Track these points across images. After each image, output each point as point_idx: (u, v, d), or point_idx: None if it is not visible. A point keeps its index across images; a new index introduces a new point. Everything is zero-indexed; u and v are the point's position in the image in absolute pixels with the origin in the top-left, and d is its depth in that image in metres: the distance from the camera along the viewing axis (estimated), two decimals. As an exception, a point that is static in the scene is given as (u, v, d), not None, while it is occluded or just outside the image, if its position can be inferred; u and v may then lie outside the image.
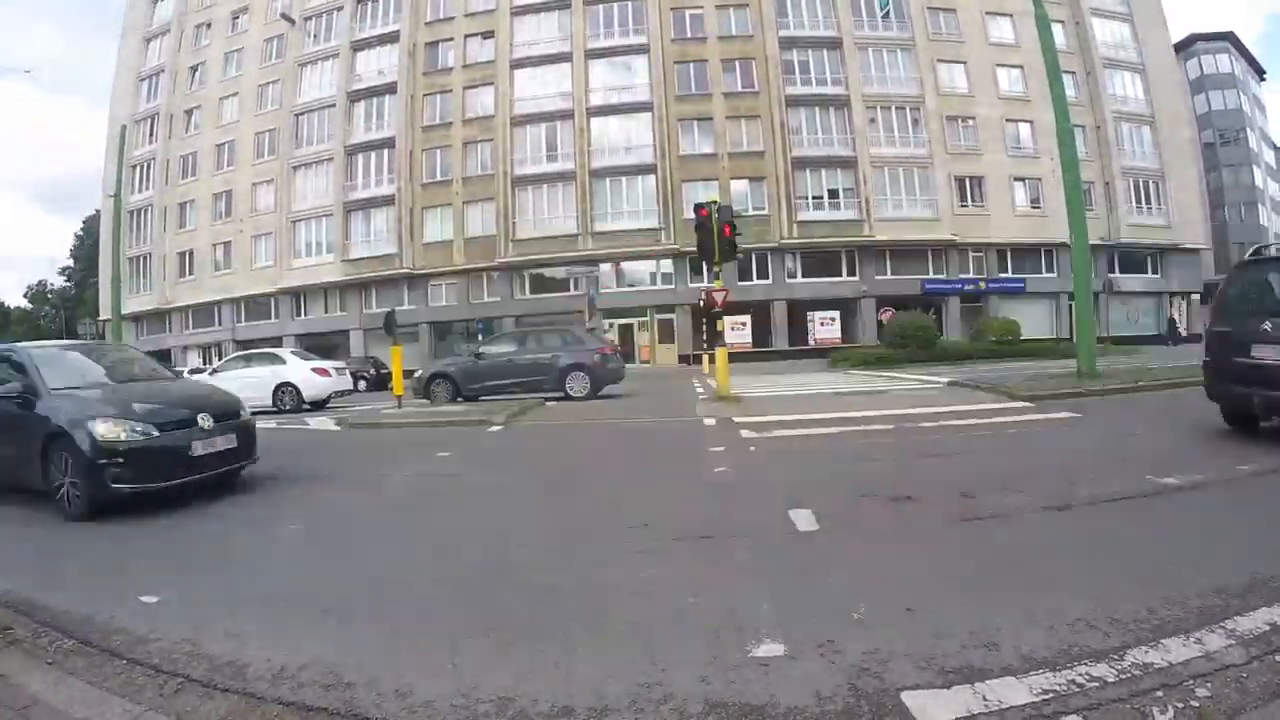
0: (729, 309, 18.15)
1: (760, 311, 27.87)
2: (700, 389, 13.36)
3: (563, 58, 29.51)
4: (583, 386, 12.29)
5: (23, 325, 59.31)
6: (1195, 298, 32.20)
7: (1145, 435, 6.01)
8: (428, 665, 2.13)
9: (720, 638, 2.20)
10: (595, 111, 29.02)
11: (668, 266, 28.48)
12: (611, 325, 28.40)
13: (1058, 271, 28.86)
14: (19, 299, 64.46)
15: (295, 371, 14.15)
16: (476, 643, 2.29)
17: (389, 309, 15.15)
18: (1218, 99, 42.93)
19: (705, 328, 22.94)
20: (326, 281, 31.49)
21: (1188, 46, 41.87)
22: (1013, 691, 1.76)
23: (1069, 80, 21.16)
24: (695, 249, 11.39)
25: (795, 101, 28.52)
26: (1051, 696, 1.73)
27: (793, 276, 28.53)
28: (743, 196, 27.23)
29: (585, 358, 12.50)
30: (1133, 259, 30.67)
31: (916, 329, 20.51)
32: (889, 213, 28.16)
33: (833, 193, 28.47)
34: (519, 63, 29.90)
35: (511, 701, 1.88)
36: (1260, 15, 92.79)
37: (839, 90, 28.66)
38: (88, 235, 53.22)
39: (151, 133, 36.05)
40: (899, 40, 29.10)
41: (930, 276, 28.78)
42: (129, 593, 2.94)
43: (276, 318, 32.87)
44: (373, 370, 23.16)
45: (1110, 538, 3.07)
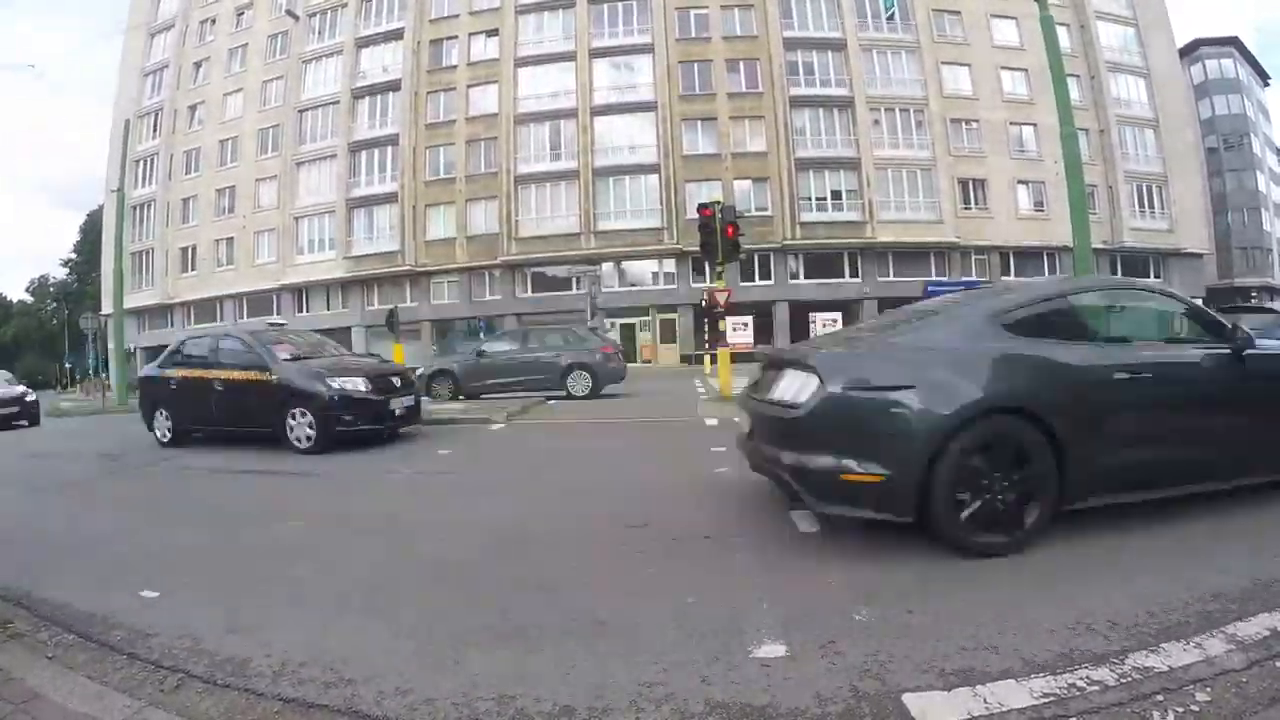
0: (731, 309, 18.03)
1: (762, 312, 27.87)
2: (702, 389, 13.34)
3: (567, 56, 29.53)
4: (585, 385, 12.31)
5: (24, 319, 59.48)
6: (1197, 302, 32.13)
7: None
8: (427, 663, 2.13)
9: (721, 638, 2.20)
10: (599, 110, 29.04)
11: (670, 266, 28.50)
12: (613, 325, 28.41)
13: (1060, 274, 28.87)
14: (21, 293, 64.75)
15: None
16: (477, 640, 2.29)
17: (391, 306, 15.29)
18: (1221, 104, 42.92)
19: (707, 328, 22.94)
20: (329, 278, 31.53)
21: (1192, 51, 41.84)
22: (1013, 694, 1.77)
23: (1073, 83, 21.13)
24: (698, 249, 11.38)
25: (799, 102, 28.53)
26: (1051, 700, 1.74)
27: (795, 277, 28.54)
28: (746, 197, 27.26)
29: (587, 357, 12.52)
30: (1135, 263, 30.61)
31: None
32: (892, 214, 28.15)
33: (836, 194, 28.47)
34: (523, 61, 29.93)
35: (512, 700, 1.88)
36: (1262, 19, 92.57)
37: (843, 91, 28.66)
38: (90, 230, 53.25)
39: (155, 128, 36.12)
40: (903, 42, 29.09)
41: (933, 278, 28.71)
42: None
43: (279, 314, 32.87)
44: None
45: (1110, 538, 3.07)
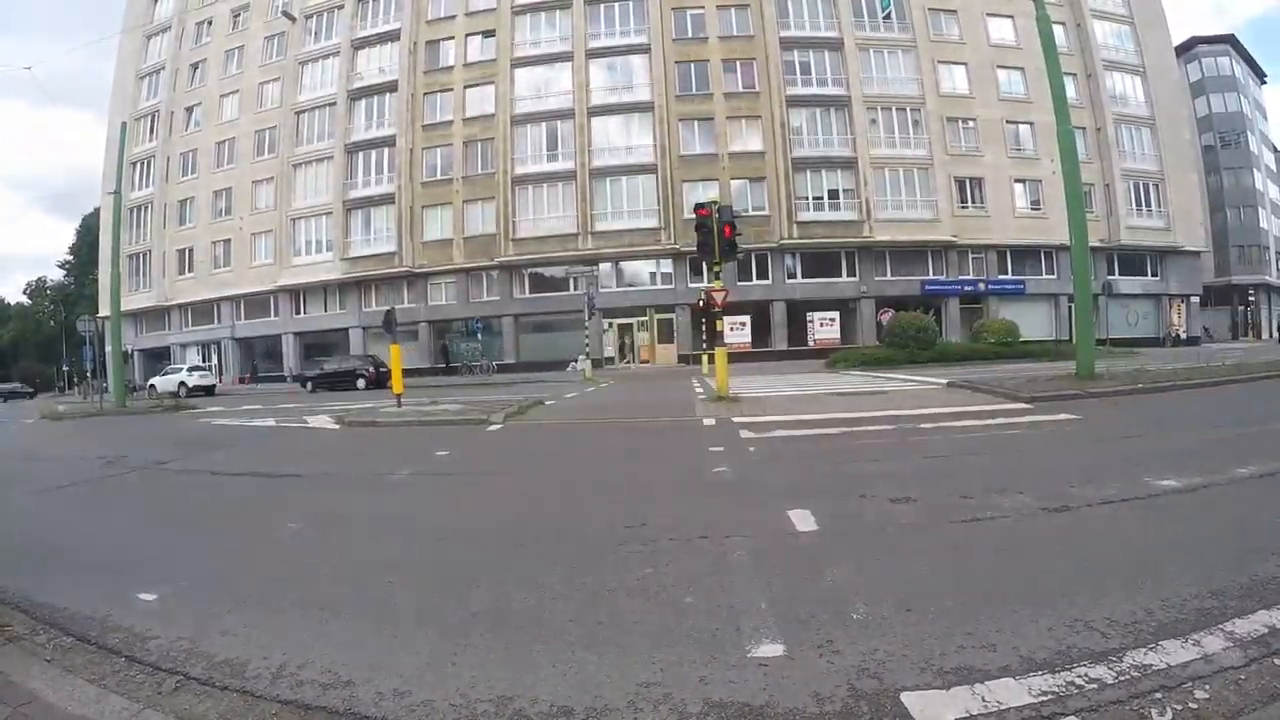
0: (728, 309, 18.16)
1: (760, 312, 27.88)
2: (699, 389, 13.33)
3: (563, 57, 29.49)
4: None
5: (22, 321, 59.33)
6: (1195, 300, 32.21)
7: (1144, 437, 6.01)
8: (426, 664, 2.13)
9: (719, 638, 2.19)
10: (595, 111, 28.99)
11: (667, 266, 28.46)
12: (611, 325, 28.43)
13: (1057, 273, 28.90)
14: (19, 296, 64.63)
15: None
16: (475, 641, 2.29)
17: (388, 307, 15.28)
18: (1218, 101, 43.01)
19: (705, 328, 22.93)
20: (326, 280, 31.43)
21: (1189, 49, 41.94)
22: (1011, 693, 1.77)
23: (1069, 82, 21.11)
24: (695, 249, 11.39)
25: (796, 102, 28.51)
26: (1050, 698, 1.73)
27: (792, 277, 28.53)
28: (743, 196, 27.21)
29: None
30: (1132, 261, 30.67)
31: (916, 330, 20.50)
32: (889, 213, 28.13)
33: (833, 193, 28.45)
34: (519, 61, 29.87)
35: (510, 701, 1.87)
36: (1260, 17, 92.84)
37: (840, 91, 28.64)
38: (87, 232, 53.11)
39: (152, 130, 36.01)
40: (900, 41, 29.08)
41: (930, 277, 28.77)
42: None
43: (276, 315, 32.85)
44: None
45: (1109, 539, 3.07)
